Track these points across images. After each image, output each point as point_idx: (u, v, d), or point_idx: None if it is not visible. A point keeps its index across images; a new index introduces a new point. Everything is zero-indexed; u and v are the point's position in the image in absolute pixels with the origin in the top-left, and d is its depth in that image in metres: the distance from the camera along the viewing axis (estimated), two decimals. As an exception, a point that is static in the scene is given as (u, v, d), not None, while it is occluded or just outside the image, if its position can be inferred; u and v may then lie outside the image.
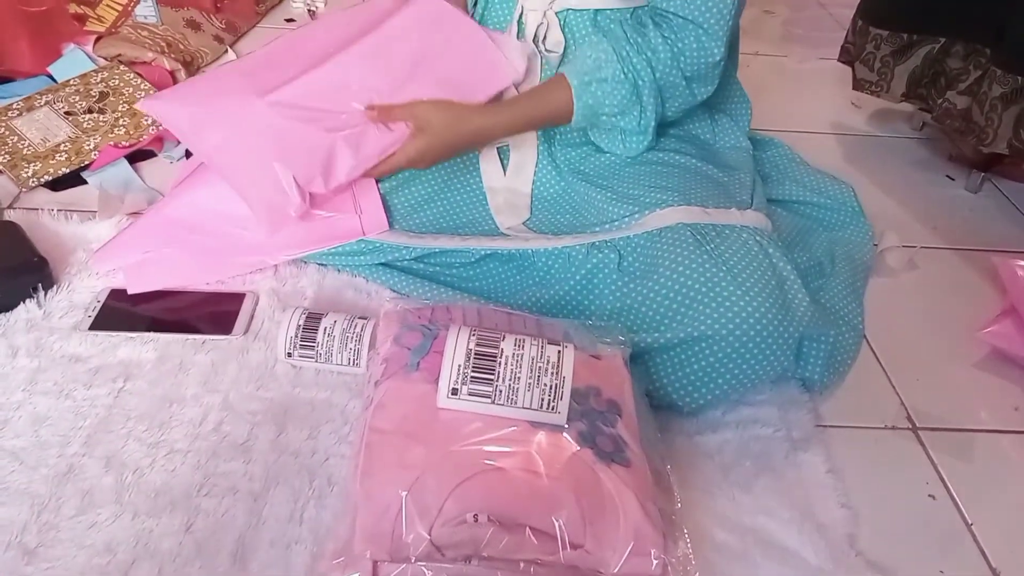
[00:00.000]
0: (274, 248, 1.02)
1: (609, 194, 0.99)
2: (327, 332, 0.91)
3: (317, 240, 1.01)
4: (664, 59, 0.95)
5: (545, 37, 1.04)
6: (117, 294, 1.00)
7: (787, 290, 0.88)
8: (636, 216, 0.94)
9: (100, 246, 1.05)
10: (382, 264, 1.01)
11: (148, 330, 0.96)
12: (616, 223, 0.95)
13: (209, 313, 0.98)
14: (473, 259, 1.01)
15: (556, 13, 1.02)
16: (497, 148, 1.05)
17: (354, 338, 0.91)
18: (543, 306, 0.95)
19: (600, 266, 0.93)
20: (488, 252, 1.00)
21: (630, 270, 0.92)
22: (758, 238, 0.91)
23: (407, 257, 1.01)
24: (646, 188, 0.98)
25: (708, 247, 0.88)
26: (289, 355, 0.92)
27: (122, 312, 0.98)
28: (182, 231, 1.02)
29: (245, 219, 1.00)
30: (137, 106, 1.07)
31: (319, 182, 0.96)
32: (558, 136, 1.07)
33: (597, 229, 0.97)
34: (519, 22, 1.04)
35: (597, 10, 1.02)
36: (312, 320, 0.92)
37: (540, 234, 1.02)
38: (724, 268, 0.86)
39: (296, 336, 0.91)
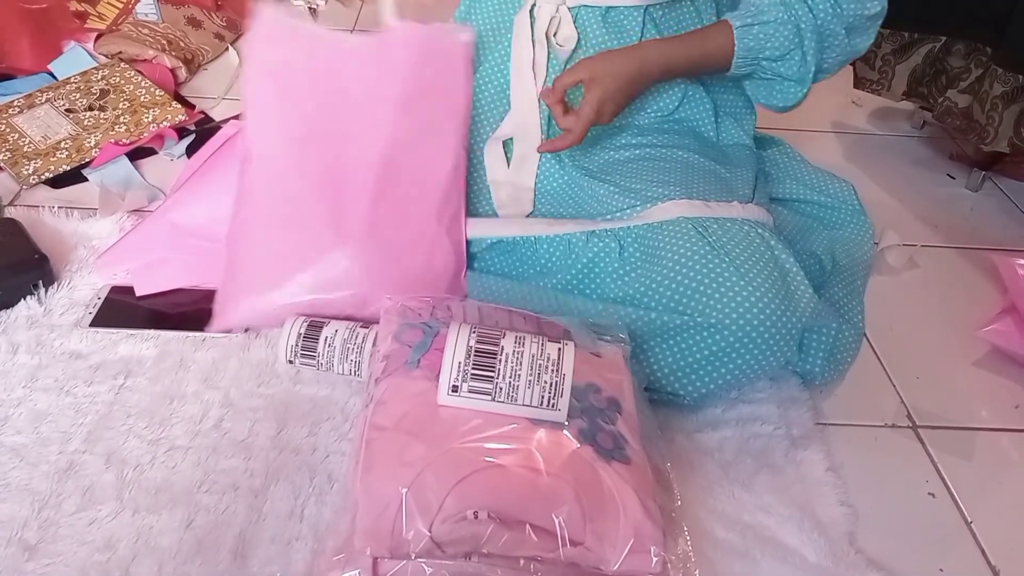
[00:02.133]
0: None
1: (611, 188, 0.99)
2: (327, 342, 0.90)
3: None
4: (824, 7, 0.95)
5: (557, 31, 1.04)
6: (118, 291, 1.01)
7: (789, 281, 0.88)
8: (638, 208, 0.95)
9: (103, 252, 1.04)
10: None
11: (149, 327, 0.96)
12: (617, 215, 0.96)
13: (210, 310, 0.97)
14: (477, 250, 1.01)
15: (569, 8, 1.03)
16: (503, 142, 1.06)
17: (355, 349, 0.90)
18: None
19: (601, 255, 0.94)
20: (493, 241, 1.01)
21: (631, 260, 0.92)
22: (760, 230, 0.92)
23: None
24: (648, 182, 0.98)
25: (710, 239, 0.89)
26: (290, 362, 0.92)
27: (123, 309, 0.98)
28: (186, 237, 1.02)
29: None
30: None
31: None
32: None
33: (598, 219, 0.97)
34: (531, 15, 1.04)
35: (609, 7, 1.02)
36: (313, 329, 0.91)
37: (541, 218, 1.02)
38: (727, 259, 0.86)
39: (297, 345, 0.91)
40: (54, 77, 1.45)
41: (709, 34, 0.97)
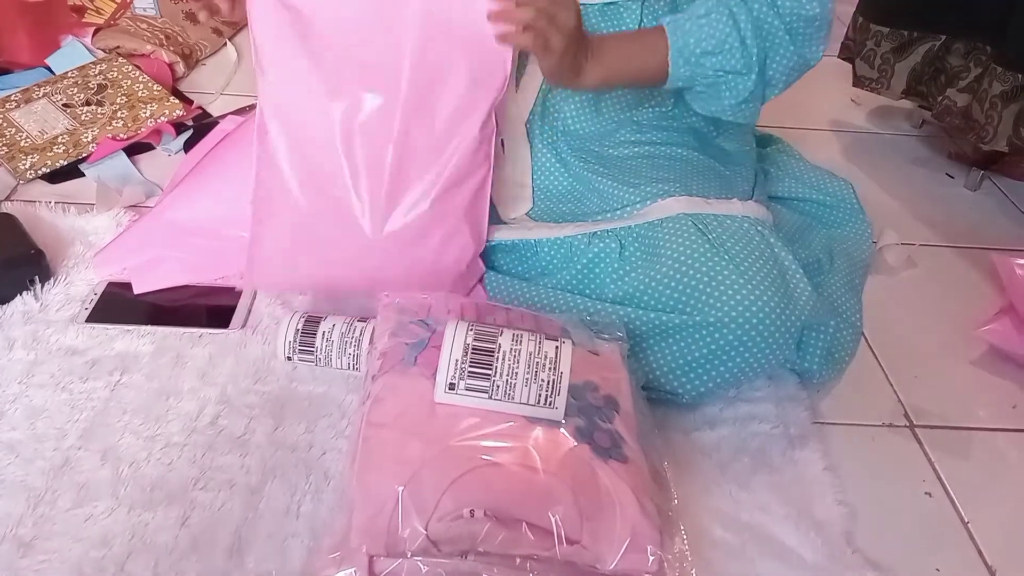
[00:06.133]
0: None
1: (611, 182, 0.99)
2: (325, 337, 0.90)
3: None
4: (760, 2, 0.90)
5: None
6: (114, 287, 1.00)
7: (788, 279, 0.88)
8: (638, 206, 0.95)
9: (100, 250, 1.04)
10: None
11: (145, 323, 0.96)
12: (618, 212, 0.96)
13: (207, 306, 0.97)
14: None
15: None
16: (502, 140, 1.06)
17: (353, 343, 0.90)
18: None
19: (601, 255, 0.94)
20: (493, 244, 1.01)
21: (631, 259, 0.92)
22: (759, 228, 0.91)
23: None
24: (647, 179, 0.98)
25: (710, 236, 0.88)
26: (289, 358, 0.92)
27: (119, 305, 0.98)
28: (183, 235, 1.02)
29: (245, 222, 0.99)
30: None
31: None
32: (564, 127, 1.07)
33: (599, 218, 0.97)
34: None
35: (607, 2, 1.02)
36: (310, 324, 0.91)
37: (542, 222, 1.02)
38: (727, 257, 0.86)
39: (295, 340, 0.91)
40: (51, 72, 1.44)
41: (647, 34, 0.93)
